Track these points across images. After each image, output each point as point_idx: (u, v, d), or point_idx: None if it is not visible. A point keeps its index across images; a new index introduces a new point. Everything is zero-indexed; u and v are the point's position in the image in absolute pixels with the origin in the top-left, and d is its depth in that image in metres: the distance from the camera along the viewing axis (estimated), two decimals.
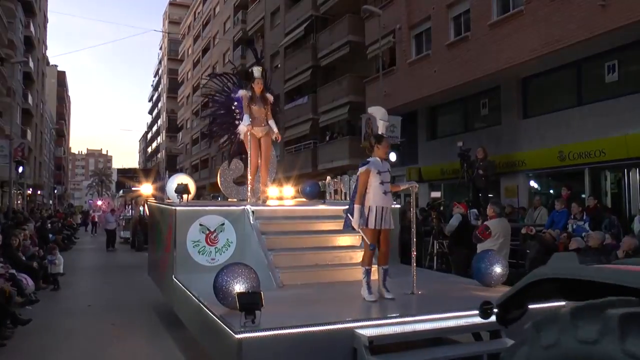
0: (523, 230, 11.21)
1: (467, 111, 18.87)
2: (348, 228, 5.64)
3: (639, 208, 11.58)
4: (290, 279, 6.31)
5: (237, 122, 8.67)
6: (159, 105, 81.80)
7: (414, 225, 5.98)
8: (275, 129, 8.28)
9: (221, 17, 47.29)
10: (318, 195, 9.15)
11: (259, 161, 8.33)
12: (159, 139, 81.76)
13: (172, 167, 55.84)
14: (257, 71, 8.20)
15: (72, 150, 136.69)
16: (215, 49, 48.63)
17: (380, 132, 6.05)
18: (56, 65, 76.47)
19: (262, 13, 35.98)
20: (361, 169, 5.47)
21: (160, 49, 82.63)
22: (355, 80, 24.14)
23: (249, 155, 8.14)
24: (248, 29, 38.68)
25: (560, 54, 13.47)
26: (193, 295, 5.59)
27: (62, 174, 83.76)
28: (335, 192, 9.03)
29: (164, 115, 74.81)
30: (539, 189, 15.94)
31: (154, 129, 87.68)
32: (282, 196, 9.89)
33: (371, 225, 5.36)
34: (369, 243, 5.44)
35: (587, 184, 14.04)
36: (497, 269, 6.15)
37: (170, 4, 74.25)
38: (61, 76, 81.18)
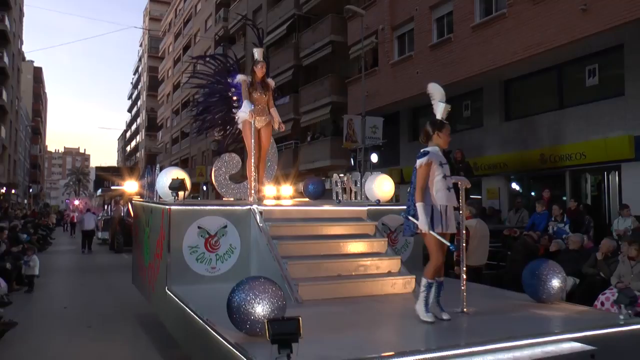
0: (506, 232, 11.33)
1: (449, 113, 18.96)
2: (410, 233, 4.76)
3: (617, 210, 11.77)
4: (310, 293, 5.40)
5: (234, 111, 7.80)
6: (139, 103, 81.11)
7: (464, 229, 5.13)
8: (278, 118, 7.51)
9: (202, 14, 47.13)
10: (322, 194, 8.57)
11: (259, 151, 7.50)
12: (138, 137, 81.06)
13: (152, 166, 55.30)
14: (258, 53, 7.34)
15: (49, 149, 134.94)
16: (196, 47, 48.32)
17: (439, 117, 4.90)
18: (32, 61, 75.35)
19: (245, 11, 35.83)
20: (421, 161, 4.62)
21: (141, 46, 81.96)
22: (338, 80, 24.21)
23: (250, 147, 7.16)
24: (230, 27, 38.53)
25: (541, 57, 13.64)
26: (196, 315, 4.66)
27: (37, 173, 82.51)
28: (344, 190, 8.10)
29: (143, 114, 74.21)
30: (520, 191, 16.13)
31: (133, 127, 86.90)
32: (279, 195, 9.11)
33: (437, 227, 4.55)
34: (442, 247, 4.58)
35: (568, 186, 14.25)
36: (555, 283, 5.21)
37: (151, 0, 73.71)
38: (37, 72, 79.98)
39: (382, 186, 7.79)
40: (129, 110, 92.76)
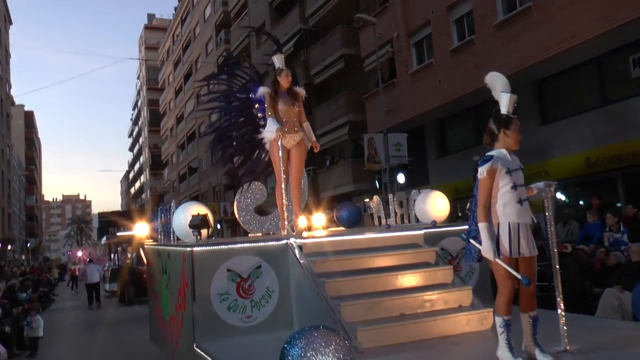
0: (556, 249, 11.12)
1: (480, 121, 18.91)
2: (472, 259, 4.38)
3: None
4: (372, 340, 4.91)
5: (261, 131, 7.24)
6: (140, 140, 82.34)
7: (555, 247, 4.62)
8: (312, 136, 7.06)
9: (202, 38, 48.05)
10: (359, 221, 8.36)
11: (291, 176, 7.02)
12: (142, 177, 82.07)
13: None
14: (280, 60, 6.98)
15: (46, 198, 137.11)
16: (198, 74, 49.14)
17: (505, 111, 4.37)
18: (23, 105, 77.24)
19: (247, 30, 36.46)
20: (482, 169, 4.15)
21: (138, 78, 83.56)
22: (354, 96, 24.31)
23: (279, 171, 6.62)
24: (232, 48, 39.19)
25: (577, 50, 13.58)
26: None
27: (35, 225, 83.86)
28: (387, 214, 7.74)
29: (146, 151, 75.24)
30: (567, 201, 15.90)
31: (136, 167, 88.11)
32: (311, 225, 8.75)
33: (506, 251, 4.11)
34: (512, 277, 4.13)
35: (621, 191, 14.01)
36: None
37: (146, 27, 75.45)
38: (29, 116, 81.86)
39: (436, 204, 7.45)
40: (131, 149, 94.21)
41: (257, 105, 7.44)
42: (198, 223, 6.14)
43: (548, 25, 13.95)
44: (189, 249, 5.71)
